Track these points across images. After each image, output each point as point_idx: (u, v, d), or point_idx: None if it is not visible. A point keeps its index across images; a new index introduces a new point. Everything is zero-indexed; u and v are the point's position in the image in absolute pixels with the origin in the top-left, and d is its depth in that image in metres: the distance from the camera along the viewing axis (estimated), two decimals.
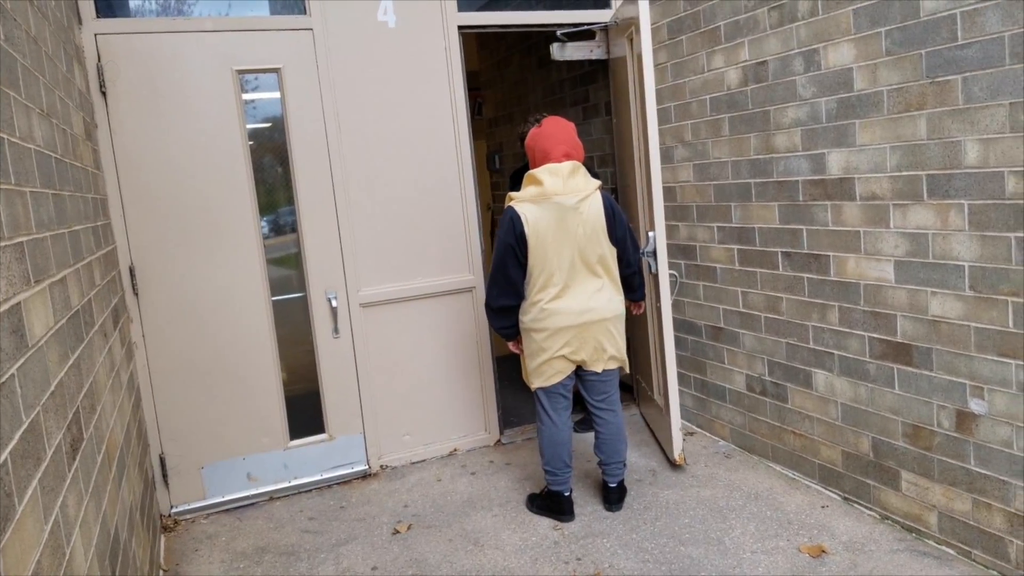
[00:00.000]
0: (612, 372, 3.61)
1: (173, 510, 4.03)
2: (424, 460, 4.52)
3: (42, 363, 1.72)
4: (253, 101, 4.09)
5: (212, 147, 3.94)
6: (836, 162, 3.41)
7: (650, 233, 3.94)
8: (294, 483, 4.23)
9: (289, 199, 4.16)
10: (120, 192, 3.79)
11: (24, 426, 1.49)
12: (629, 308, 3.73)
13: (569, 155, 3.47)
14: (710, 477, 3.99)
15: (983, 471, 2.95)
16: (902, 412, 3.27)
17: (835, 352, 3.56)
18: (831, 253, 3.50)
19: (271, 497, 4.18)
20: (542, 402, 3.63)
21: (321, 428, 4.32)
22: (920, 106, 3.00)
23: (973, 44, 2.77)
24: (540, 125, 3.57)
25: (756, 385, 4.10)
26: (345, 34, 4.14)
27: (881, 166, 3.20)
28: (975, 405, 2.95)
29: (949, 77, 2.88)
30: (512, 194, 3.50)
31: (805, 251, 3.64)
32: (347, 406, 4.34)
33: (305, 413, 4.27)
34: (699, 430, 4.64)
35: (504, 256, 3.44)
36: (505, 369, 4.99)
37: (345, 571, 3.39)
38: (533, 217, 3.38)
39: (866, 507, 3.51)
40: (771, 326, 3.92)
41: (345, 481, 4.32)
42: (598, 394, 3.64)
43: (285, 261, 4.22)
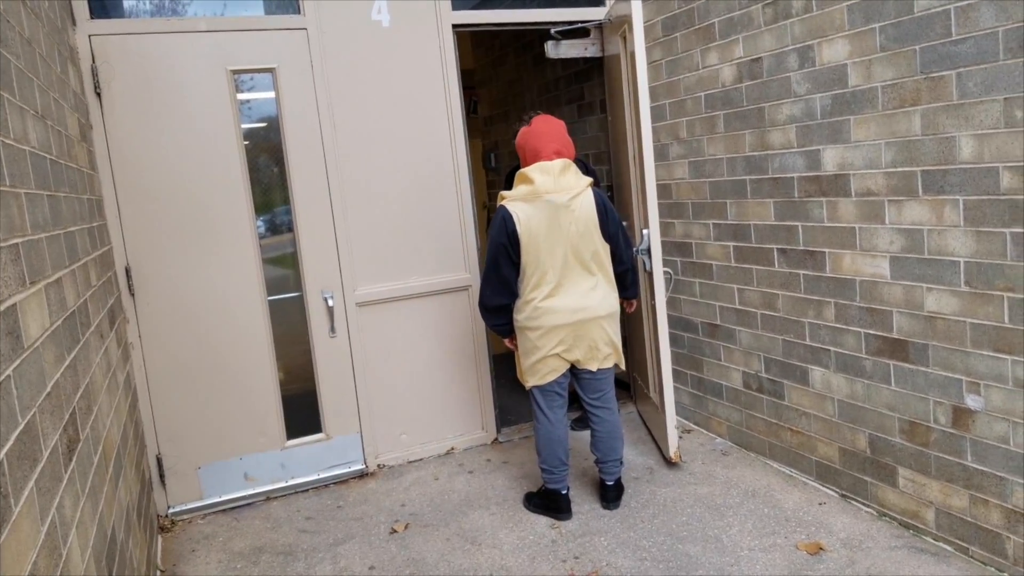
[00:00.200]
0: (607, 370, 3.60)
1: (170, 510, 4.03)
2: (421, 459, 4.52)
3: (38, 364, 1.71)
4: (248, 101, 4.08)
5: (207, 147, 3.93)
6: (831, 158, 3.41)
7: (644, 231, 3.95)
8: (291, 483, 4.23)
9: (285, 199, 4.16)
10: (115, 193, 3.78)
11: (20, 427, 1.49)
12: (622, 305, 3.73)
13: (560, 153, 3.47)
14: (707, 474, 3.99)
15: (980, 467, 2.96)
16: (899, 408, 3.28)
17: (831, 348, 3.56)
18: (827, 249, 3.50)
19: (268, 497, 4.18)
20: (537, 400, 3.63)
21: (318, 428, 4.31)
22: (914, 102, 3.01)
23: (967, 39, 2.78)
24: (530, 124, 3.58)
25: (753, 382, 4.10)
26: (339, 33, 4.14)
27: (876, 162, 3.20)
28: (971, 401, 2.96)
29: (943, 73, 2.88)
30: (504, 193, 3.49)
31: (801, 248, 3.64)
32: (344, 405, 4.33)
33: (302, 413, 4.27)
34: (696, 427, 4.64)
35: (496, 255, 3.44)
36: (502, 367, 4.99)
37: (342, 571, 3.39)
38: (525, 216, 3.38)
39: (863, 504, 3.52)
40: (767, 323, 3.93)
41: (342, 481, 4.32)
42: (593, 392, 3.64)
43: (281, 261, 4.21)
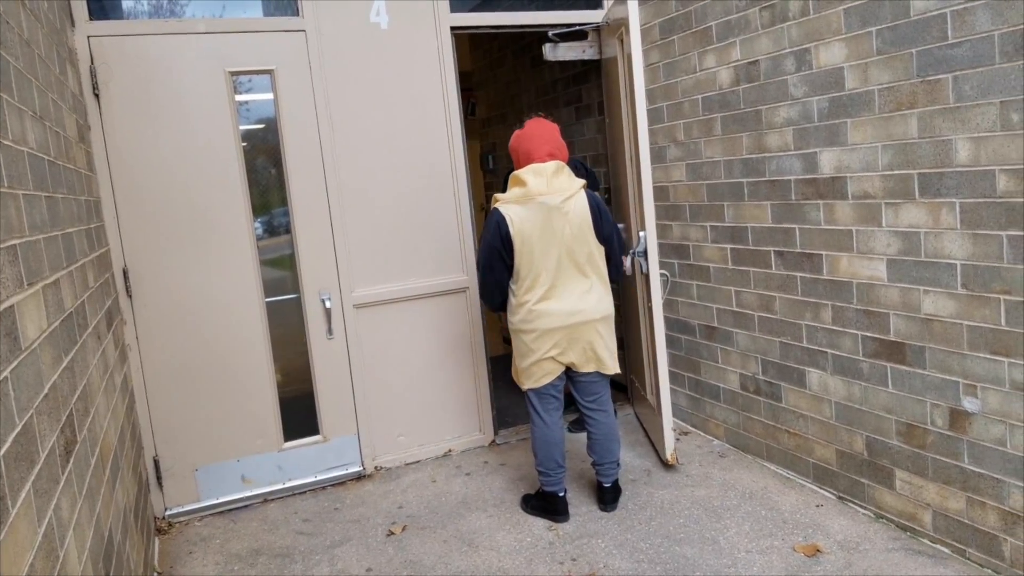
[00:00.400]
0: (602, 373, 3.61)
1: (167, 512, 4.02)
2: (419, 461, 4.52)
3: (35, 366, 1.71)
4: (246, 102, 4.08)
5: (206, 149, 3.93)
6: (828, 161, 3.42)
7: (641, 233, 3.95)
8: (288, 485, 4.23)
9: (283, 200, 4.16)
10: (113, 194, 3.78)
11: (18, 429, 1.49)
12: None
13: (553, 155, 3.48)
14: (705, 477, 3.99)
15: (977, 469, 2.97)
16: (896, 411, 3.28)
17: (828, 351, 3.57)
18: (824, 252, 3.51)
19: (265, 499, 4.17)
20: (533, 403, 3.63)
21: (315, 429, 4.31)
22: (911, 105, 3.01)
23: (963, 43, 2.78)
24: (523, 127, 3.59)
25: (750, 384, 4.11)
26: (338, 35, 4.14)
27: (873, 165, 3.21)
28: (968, 403, 2.96)
29: (940, 76, 2.89)
30: (497, 195, 3.50)
31: (798, 250, 3.65)
32: (341, 407, 4.33)
33: (299, 414, 4.27)
34: (693, 429, 4.64)
35: (490, 258, 3.45)
36: (499, 369, 4.99)
37: (340, 573, 3.38)
38: (519, 218, 3.38)
39: (861, 506, 3.52)
40: (764, 325, 3.93)
41: (340, 482, 4.32)
42: (589, 395, 3.64)
43: (279, 262, 4.21)
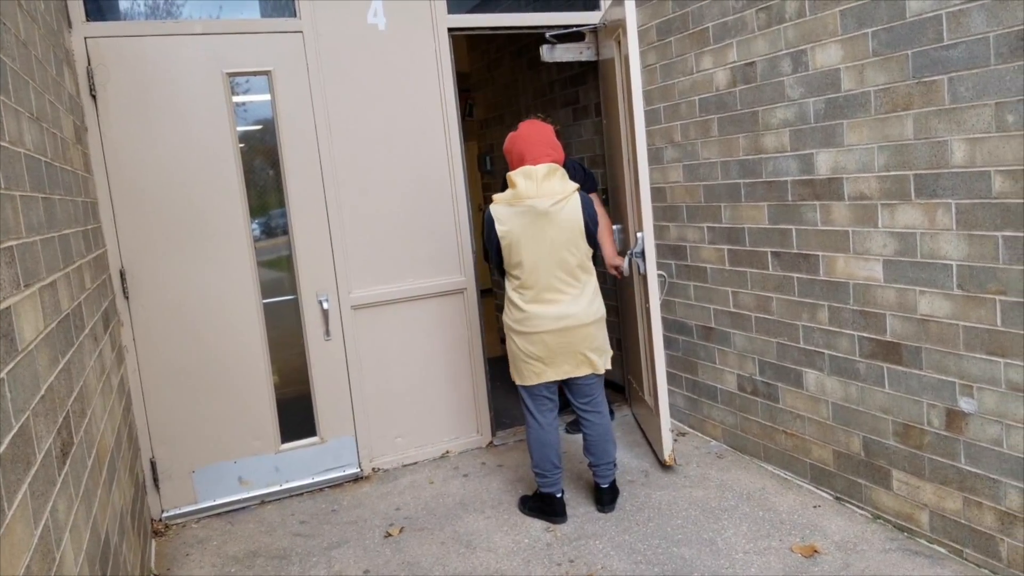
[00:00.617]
0: (595, 375, 3.61)
1: (164, 514, 4.02)
2: (416, 462, 4.52)
3: (32, 367, 1.71)
4: (244, 104, 4.08)
5: (203, 150, 3.93)
6: (824, 162, 3.42)
7: (639, 234, 3.95)
8: (285, 486, 4.23)
9: (280, 201, 4.16)
10: (111, 195, 3.78)
11: (14, 430, 1.49)
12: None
13: (546, 157, 3.49)
14: (702, 477, 4.00)
15: (973, 470, 2.97)
16: (892, 411, 3.29)
17: (825, 351, 3.57)
18: (820, 253, 3.51)
19: (262, 501, 4.17)
20: (527, 404, 3.64)
21: (313, 431, 4.31)
22: (907, 106, 3.02)
23: (959, 44, 2.79)
24: (517, 128, 3.60)
25: (747, 385, 4.11)
26: (335, 36, 4.14)
27: (869, 166, 3.22)
28: (965, 404, 2.97)
29: (935, 77, 2.89)
30: (494, 196, 3.53)
31: (795, 251, 3.65)
32: (339, 409, 4.33)
33: (296, 416, 4.26)
34: (691, 430, 4.65)
35: (487, 252, 3.61)
36: (497, 370, 4.98)
37: (337, 574, 3.38)
38: (507, 219, 3.42)
39: (858, 506, 3.53)
40: (761, 326, 3.94)
41: (337, 484, 4.31)
42: (582, 397, 3.64)
43: (276, 263, 4.21)
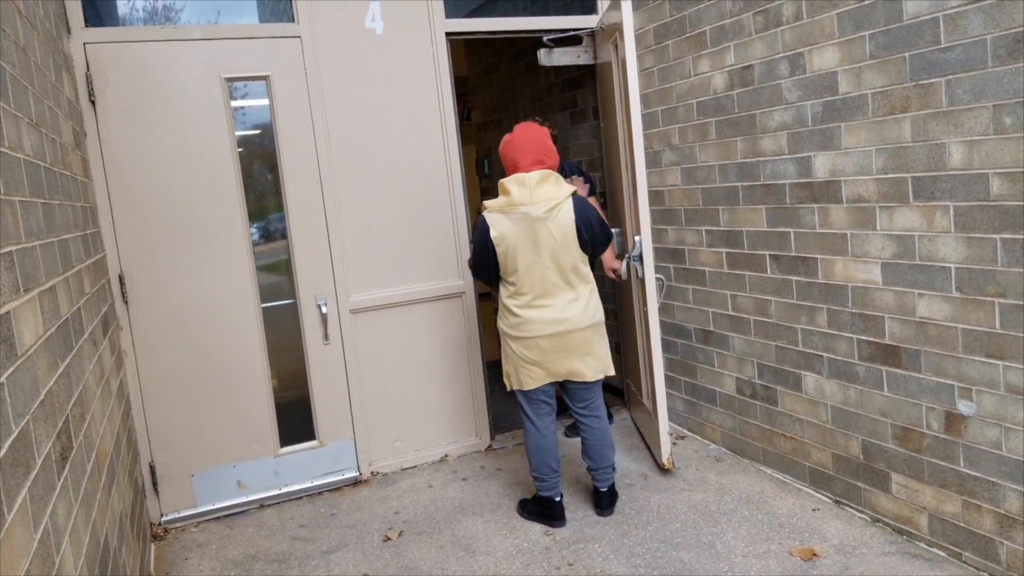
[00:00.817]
0: (593, 379, 3.60)
1: (163, 518, 4.01)
2: (415, 466, 4.52)
3: (32, 372, 1.71)
4: (242, 108, 4.09)
5: (201, 154, 3.94)
6: (822, 165, 3.43)
7: (637, 237, 3.96)
8: (285, 490, 4.22)
9: (279, 206, 4.16)
10: (110, 200, 3.78)
11: (14, 435, 1.49)
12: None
13: (539, 162, 3.49)
14: (701, 481, 4.00)
15: (973, 472, 2.97)
16: (891, 414, 3.29)
17: (824, 354, 3.58)
18: (818, 256, 3.52)
19: (261, 505, 4.17)
20: (524, 409, 3.64)
21: (311, 435, 4.31)
22: (904, 109, 3.03)
23: (956, 47, 2.80)
24: (511, 132, 3.59)
25: (746, 388, 4.11)
26: (333, 41, 4.15)
27: (867, 168, 3.22)
28: (963, 406, 2.97)
29: (933, 80, 2.90)
30: (486, 203, 3.52)
31: (793, 254, 3.66)
32: (337, 413, 4.33)
33: (295, 420, 4.26)
34: (690, 434, 4.65)
35: (477, 263, 3.56)
36: (496, 374, 4.96)
37: None
38: (502, 227, 3.42)
39: (857, 510, 3.53)
40: (760, 329, 3.94)
41: (336, 488, 4.31)
42: (580, 401, 3.64)
43: (275, 268, 4.22)
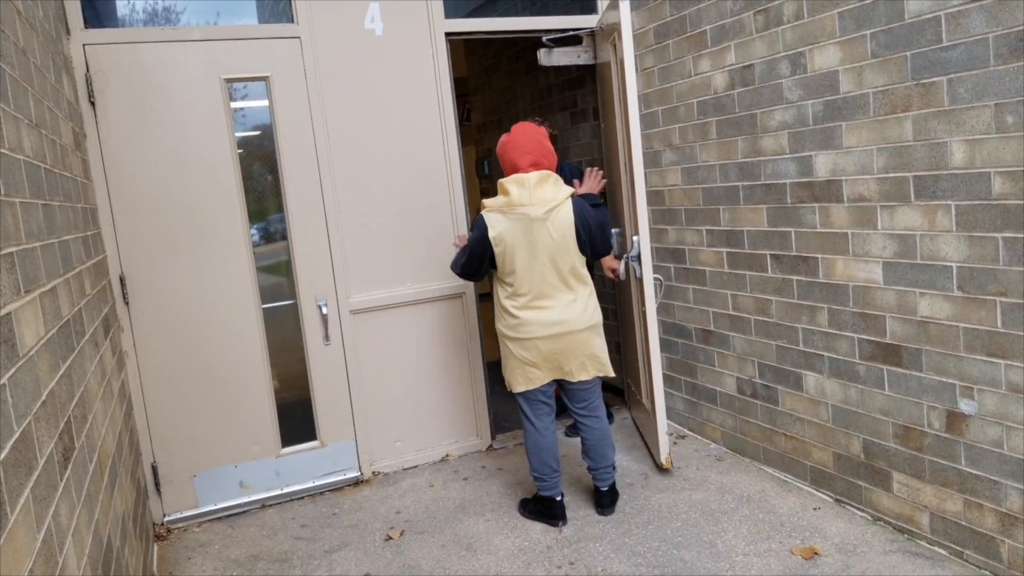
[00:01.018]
0: (591, 380, 3.60)
1: (166, 519, 4.02)
2: (416, 466, 4.52)
3: (33, 373, 1.71)
4: (242, 109, 4.09)
5: (201, 155, 3.94)
6: (823, 164, 3.43)
7: (635, 238, 3.96)
8: (286, 490, 4.22)
9: (279, 207, 4.16)
10: (110, 201, 3.78)
11: (16, 435, 1.49)
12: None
13: (538, 164, 3.49)
14: (702, 480, 4.00)
15: (974, 471, 2.97)
16: (892, 413, 3.29)
17: (825, 354, 3.58)
18: (819, 255, 3.52)
19: (263, 505, 4.17)
20: (524, 409, 3.64)
21: (313, 435, 4.31)
22: (906, 108, 3.03)
23: (958, 46, 2.80)
24: (509, 133, 3.58)
25: (747, 388, 4.11)
26: (333, 42, 4.15)
27: (868, 168, 3.22)
28: (965, 405, 2.97)
29: (934, 79, 2.90)
30: (485, 201, 3.52)
31: (794, 253, 3.66)
32: (338, 413, 4.33)
33: (296, 420, 4.26)
34: (690, 433, 4.65)
35: (469, 263, 3.55)
36: (496, 374, 4.96)
37: None
38: (500, 227, 3.42)
39: (858, 509, 3.53)
40: (761, 328, 3.94)
41: (337, 488, 4.31)
42: (579, 402, 3.64)
43: (275, 268, 4.22)
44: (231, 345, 4.06)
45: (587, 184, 3.78)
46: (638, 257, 3.94)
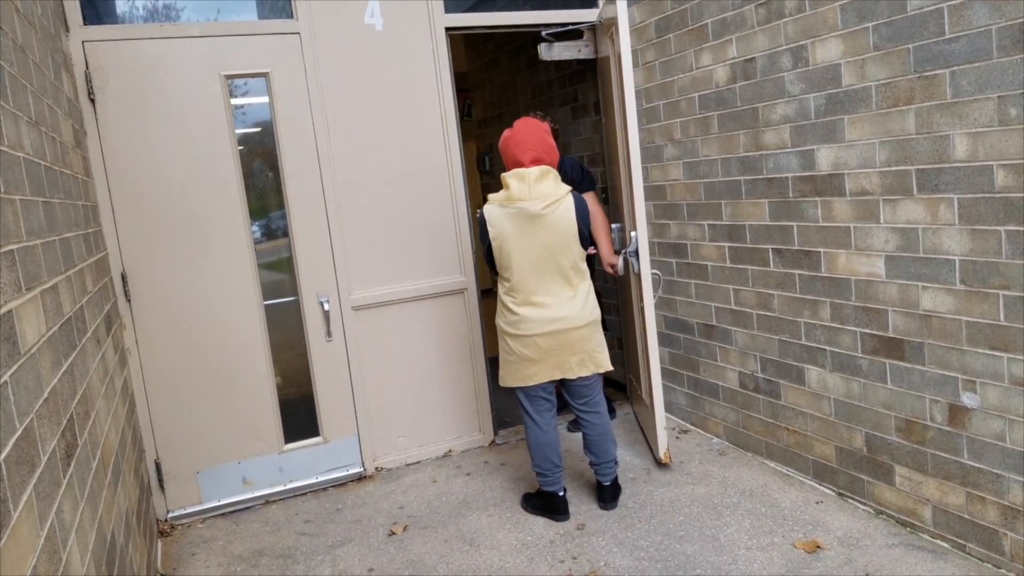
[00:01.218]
0: (591, 376, 3.60)
1: (170, 515, 4.02)
2: (419, 461, 4.52)
3: (35, 370, 1.72)
4: (242, 106, 4.08)
5: (202, 152, 3.93)
6: (825, 158, 3.42)
7: (633, 233, 3.95)
8: (289, 486, 4.23)
9: (279, 203, 4.16)
10: (111, 199, 3.78)
11: (18, 433, 1.49)
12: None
13: (539, 160, 3.49)
14: (704, 474, 4.00)
15: (976, 464, 2.97)
16: (895, 407, 3.28)
17: (827, 348, 3.57)
18: (822, 249, 3.51)
19: (267, 500, 4.18)
20: (524, 405, 3.64)
21: (315, 431, 4.31)
22: (908, 101, 3.02)
23: (960, 38, 2.79)
24: (512, 128, 3.59)
25: (749, 382, 4.11)
26: (332, 37, 4.14)
27: (870, 161, 3.21)
28: (967, 399, 2.97)
29: (937, 71, 2.89)
30: (489, 196, 3.54)
31: (796, 247, 3.65)
32: (341, 409, 4.33)
33: (299, 416, 4.27)
34: (693, 428, 4.65)
35: (486, 252, 3.58)
36: (497, 370, 4.98)
37: (342, 573, 3.39)
38: (499, 221, 3.43)
39: (860, 502, 3.53)
40: (763, 323, 3.93)
41: (340, 483, 4.32)
42: (579, 398, 3.64)
43: (277, 265, 4.22)
44: (233, 342, 4.07)
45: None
46: (636, 252, 3.94)
